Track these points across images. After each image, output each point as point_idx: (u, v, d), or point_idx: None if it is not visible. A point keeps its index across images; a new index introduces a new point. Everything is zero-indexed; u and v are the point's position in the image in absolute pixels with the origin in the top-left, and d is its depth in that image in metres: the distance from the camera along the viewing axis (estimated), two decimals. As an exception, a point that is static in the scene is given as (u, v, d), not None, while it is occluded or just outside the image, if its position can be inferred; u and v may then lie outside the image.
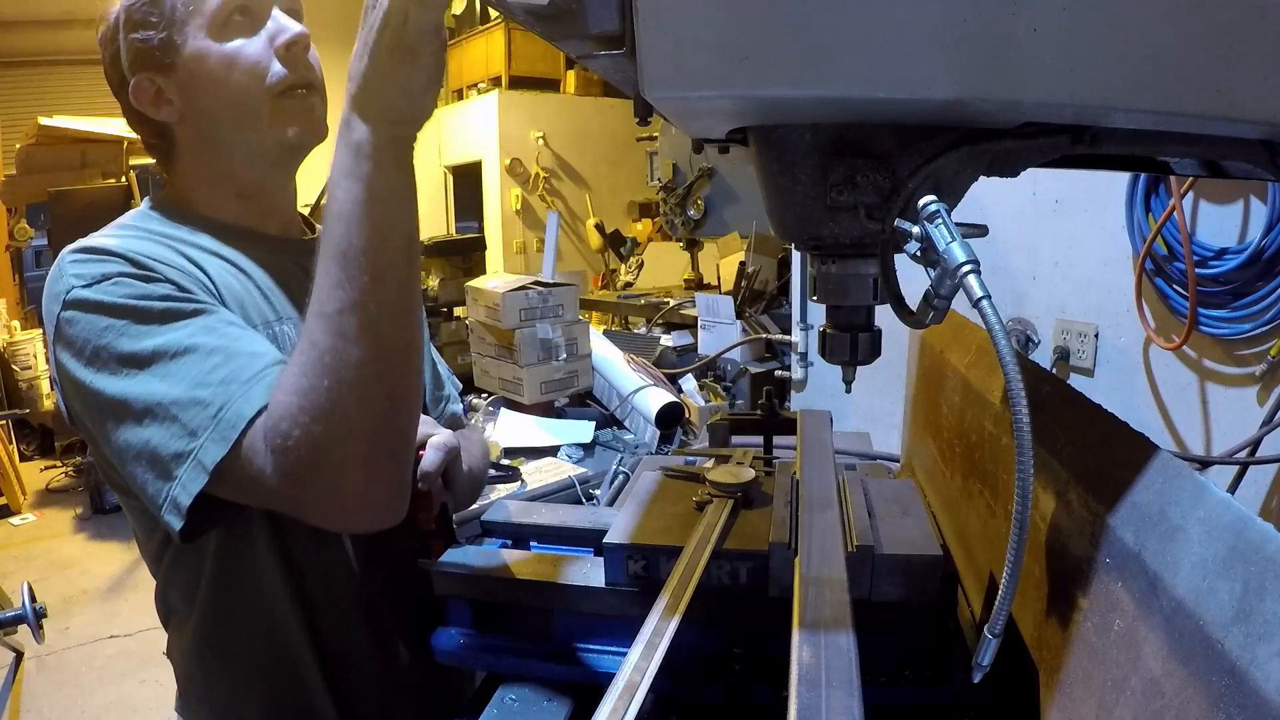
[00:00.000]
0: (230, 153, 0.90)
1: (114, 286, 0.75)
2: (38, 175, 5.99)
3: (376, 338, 0.66)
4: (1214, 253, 1.74)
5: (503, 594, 0.85)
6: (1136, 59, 0.41)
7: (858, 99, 0.40)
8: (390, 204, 0.65)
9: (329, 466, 0.67)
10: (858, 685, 0.57)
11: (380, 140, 0.63)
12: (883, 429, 2.36)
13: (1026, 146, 0.49)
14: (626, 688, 0.57)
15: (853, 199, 0.49)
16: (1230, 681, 0.40)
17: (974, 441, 0.95)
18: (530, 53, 6.70)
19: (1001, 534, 0.80)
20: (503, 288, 2.52)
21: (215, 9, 0.84)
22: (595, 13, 0.42)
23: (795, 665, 0.59)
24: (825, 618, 0.64)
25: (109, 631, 3.56)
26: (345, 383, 0.65)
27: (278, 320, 0.89)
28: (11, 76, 7.88)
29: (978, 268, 0.39)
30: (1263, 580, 0.41)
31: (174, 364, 0.72)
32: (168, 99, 0.88)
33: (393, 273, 0.66)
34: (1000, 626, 0.50)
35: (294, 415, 0.66)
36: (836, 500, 0.87)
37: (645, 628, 0.65)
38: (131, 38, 0.86)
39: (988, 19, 0.38)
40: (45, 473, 5.69)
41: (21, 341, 5.94)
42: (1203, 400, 1.88)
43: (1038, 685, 0.68)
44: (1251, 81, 0.45)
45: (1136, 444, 0.61)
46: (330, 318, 0.65)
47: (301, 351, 0.67)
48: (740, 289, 3.41)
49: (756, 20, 0.39)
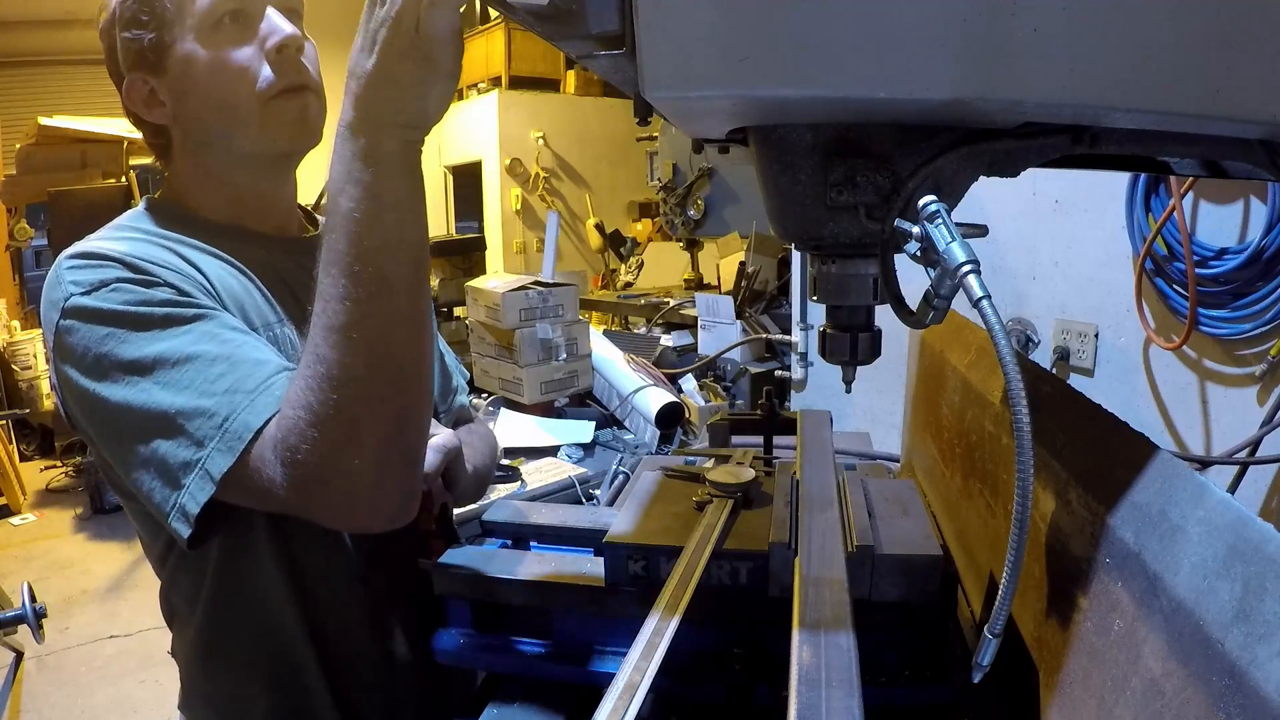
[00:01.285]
0: (222, 157, 0.90)
1: (112, 293, 0.74)
2: (38, 175, 5.98)
3: (385, 352, 0.64)
4: (1214, 253, 1.74)
5: (503, 594, 0.85)
6: (1136, 59, 0.41)
7: (858, 99, 0.40)
8: (398, 212, 0.62)
9: (339, 476, 0.66)
10: (858, 685, 0.56)
11: (389, 146, 0.61)
12: (883, 429, 2.36)
13: (1026, 146, 0.49)
14: (626, 688, 0.57)
15: (853, 199, 0.49)
16: (1230, 681, 0.40)
17: (974, 441, 0.95)
18: (530, 53, 6.71)
19: (1001, 534, 0.80)
20: (503, 288, 2.52)
21: (205, 11, 0.82)
22: (595, 13, 0.41)
23: (795, 665, 0.59)
24: (825, 618, 0.64)
25: (109, 631, 3.56)
26: (354, 398, 0.64)
27: (279, 323, 0.89)
28: (11, 76, 7.88)
29: (978, 268, 0.39)
30: (1263, 580, 0.41)
31: (177, 371, 0.71)
32: (160, 101, 0.87)
33: (401, 285, 0.64)
34: (1000, 627, 0.50)
35: (302, 430, 0.65)
36: (836, 500, 0.87)
37: (645, 628, 0.65)
38: (123, 35, 0.84)
39: (988, 19, 0.38)
40: (45, 473, 5.70)
41: (21, 341, 5.94)
42: (1203, 400, 1.87)
43: (1038, 685, 0.68)
44: (1251, 82, 0.45)
45: (1136, 444, 0.60)
46: (336, 331, 0.64)
47: (308, 365, 0.66)
48: (740, 289, 3.41)
49: (756, 20, 0.39)
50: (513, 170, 6.74)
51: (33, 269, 7.73)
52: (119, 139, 6.07)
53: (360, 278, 0.63)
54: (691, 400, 2.67)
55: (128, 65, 0.86)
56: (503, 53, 6.70)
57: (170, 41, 0.84)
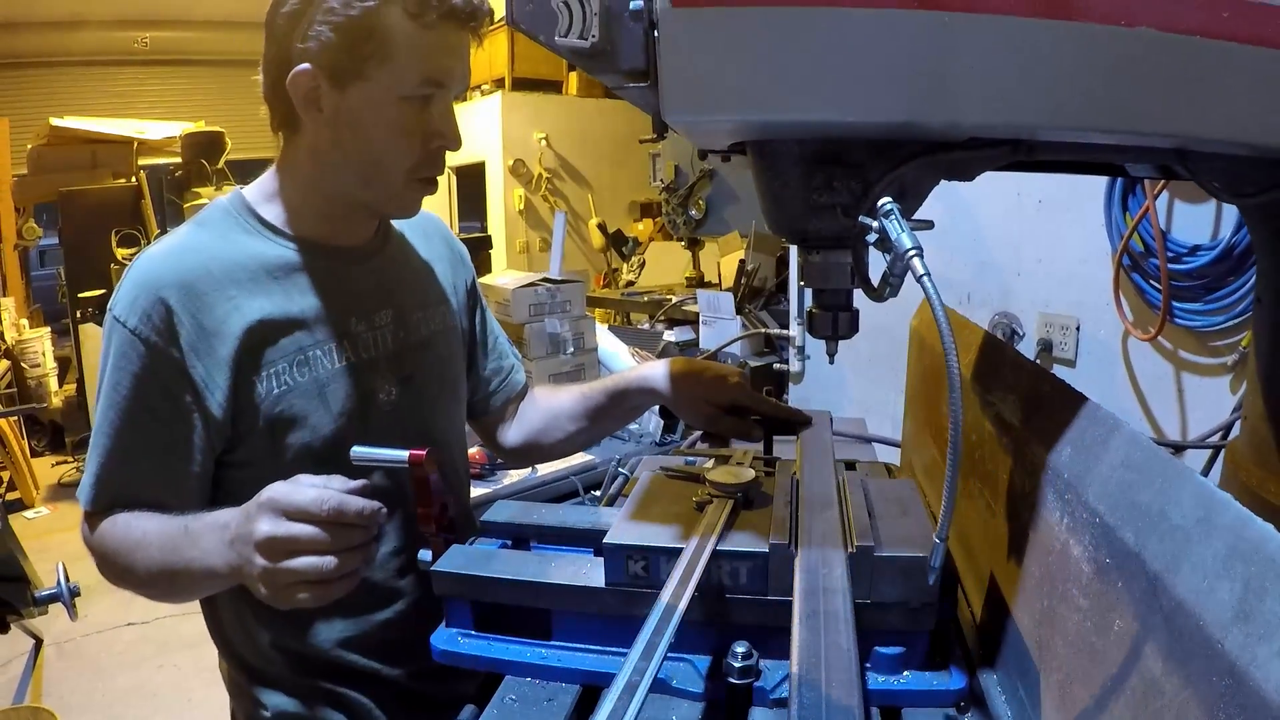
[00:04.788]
0: (342, 188, 0.96)
1: (122, 333, 0.89)
2: (49, 175, 6.04)
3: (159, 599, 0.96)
4: (1188, 249, 1.82)
5: (503, 594, 0.84)
6: (1056, 89, 0.52)
7: (831, 121, 0.51)
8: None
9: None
10: (858, 685, 0.57)
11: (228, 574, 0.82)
12: (876, 419, 2.45)
13: (974, 156, 0.60)
14: (626, 688, 0.57)
15: (830, 200, 0.61)
16: (1230, 681, 0.40)
17: (974, 441, 0.95)
18: (533, 55, 6.67)
19: (1001, 534, 0.81)
20: (513, 284, 2.62)
21: (413, 79, 0.87)
22: (626, 54, 0.53)
23: (795, 665, 0.60)
24: (825, 618, 0.64)
25: (126, 619, 3.62)
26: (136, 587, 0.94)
27: (315, 344, 0.96)
28: (20, 77, 7.93)
29: (921, 252, 0.50)
30: (1263, 580, 0.41)
31: (103, 415, 0.92)
32: (319, 107, 0.89)
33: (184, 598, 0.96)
34: (945, 533, 0.60)
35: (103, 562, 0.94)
36: (836, 500, 0.87)
37: (645, 628, 0.65)
38: (323, 31, 0.84)
39: (932, 59, 0.48)
40: (56, 468, 5.74)
41: (30, 340, 5.91)
42: (1178, 388, 1.97)
43: (1038, 685, 0.68)
44: (1154, 105, 0.55)
45: (1137, 444, 0.60)
46: (139, 575, 0.91)
47: (129, 551, 0.90)
48: (740, 286, 3.50)
49: (752, 62, 0.50)
50: (516, 171, 6.77)
51: (38, 268, 7.79)
52: (129, 140, 6.15)
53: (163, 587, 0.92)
54: (693, 392, 2.76)
55: (309, 57, 0.85)
56: (506, 55, 6.70)
57: (367, 74, 0.86)
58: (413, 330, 1.07)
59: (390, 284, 1.06)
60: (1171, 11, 0.52)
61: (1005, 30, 0.49)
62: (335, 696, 1.02)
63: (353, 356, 0.99)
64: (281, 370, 0.93)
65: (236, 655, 1.04)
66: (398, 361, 1.04)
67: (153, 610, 3.67)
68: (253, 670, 1.03)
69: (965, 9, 0.48)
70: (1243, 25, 0.52)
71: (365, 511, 0.74)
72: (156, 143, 6.24)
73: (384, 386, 1.02)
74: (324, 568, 0.73)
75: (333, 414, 0.96)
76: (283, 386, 0.93)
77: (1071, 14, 0.50)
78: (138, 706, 3.05)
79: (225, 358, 0.90)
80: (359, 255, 1.04)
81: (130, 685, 3.19)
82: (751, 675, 0.71)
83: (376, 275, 1.05)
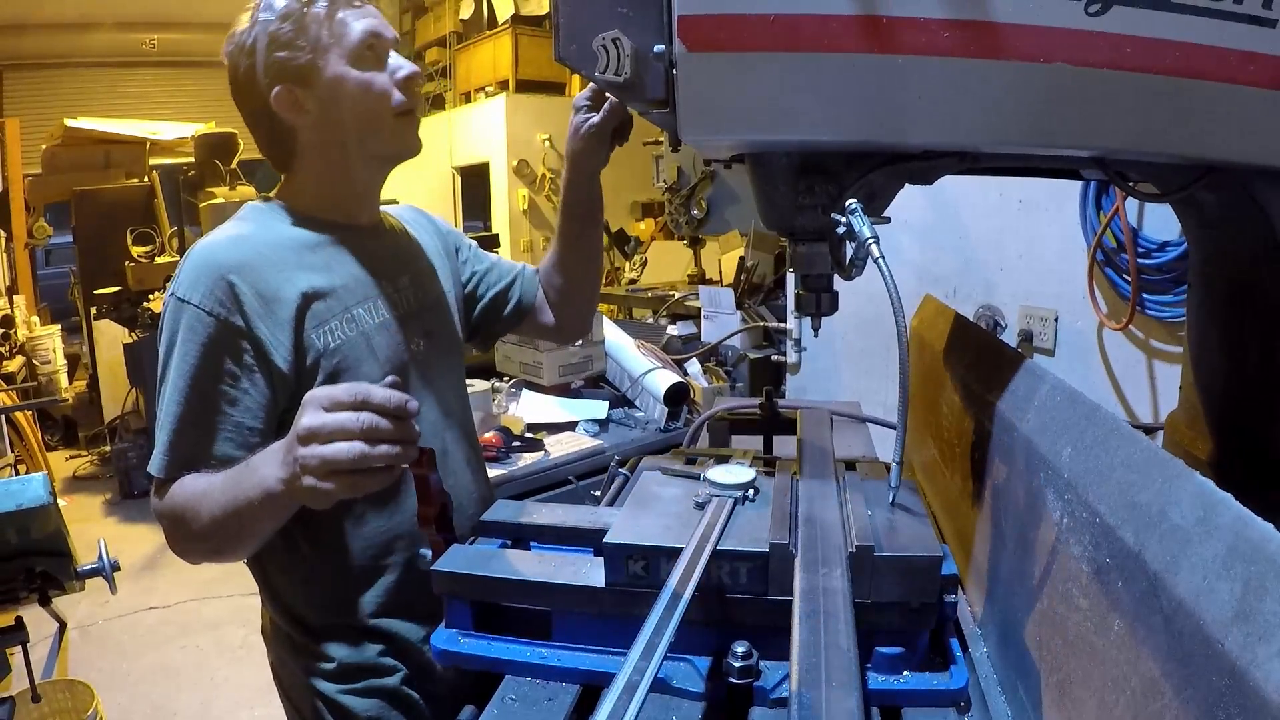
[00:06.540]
0: (353, 156, 1.12)
1: (189, 310, 1.00)
2: (63, 175, 6.10)
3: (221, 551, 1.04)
4: (1157, 245, 1.94)
5: (503, 594, 0.84)
6: (988, 114, 0.66)
7: (809, 140, 0.66)
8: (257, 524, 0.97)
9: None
10: (858, 685, 0.57)
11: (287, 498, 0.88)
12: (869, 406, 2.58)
13: (929, 165, 0.74)
14: (626, 688, 0.57)
15: (813, 201, 0.76)
16: (1230, 681, 0.40)
17: (974, 442, 0.96)
18: (537, 57, 6.74)
19: (1001, 534, 0.83)
20: (522, 280, 2.74)
21: (354, 44, 1.06)
22: (651, 87, 0.69)
23: (795, 665, 0.60)
24: (825, 618, 0.65)
25: (148, 603, 3.72)
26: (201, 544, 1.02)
27: (357, 303, 1.12)
28: (32, 79, 8.02)
29: (878, 241, 0.65)
30: (1263, 580, 0.41)
31: (172, 385, 1.01)
32: (305, 108, 1.07)
33: (247, 540, 1.02)
34: (899, 455, 0.72)
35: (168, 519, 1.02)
36: (836, 500, 0.88)
37: (645, 628, 0.65)
38: (276, 55, 1.04)
39: (888, 92, 0.63)
40: (70, 462, 5.84)
41: (41, 337, 5.92)
42: (1150, 375, 2.08)
43: (1038, 685, 0.69)
44: (1073, 124, 0.69)
45: (1137, 444, 0.60)
46: (205, 524, 0.97)
47: (196, 502, 0.98)
48: (740, 282, 3.63)
49: (751, 95, 0.65)
50: (520, 171, 6.83)
51: (44, 267, 7.84)
52: (142, 140, 6.20)
53: (221, 534, 0.98)
54: (696, 382, 2.89)
55: (275, 78, 1.05)
56: (510, 57, 6.75)
57: (322, 64, 1.05)
58: (426, 293, 1.24)
59: (402, 255, 1.25)
60: (1081, 49, 0.65)
61: (946, 68, 0.63)
62: (394, 643, 1.13)
63: (387, 313, 1.15)
64: (335, 327, 1.08)
65: (293, 615, 1.13)
66: (420, 319, 1.21)
67: (174, 594, 3.78)
68: (310, 628, 1.12)
69: (913, 52, 0.62)
70: (1140, 57, 0.65)
71: (391, 399, 0.80)
72: (168, 143, 6.31)
73: (414, 339, 1.18)
74: (355, 452, 0.78)
75: (380, 361, 1.11)
76: (337, 340, 1.08)
77: (999, 54, 0.64)
78: (162, 685, 3.14)
79: (286, 319, 1.04)
80: (372, 232, 1.22)
81: (153, 665, 3.28)
82: (751, 675, 0.71)
83: (390, 248, 1.23)
